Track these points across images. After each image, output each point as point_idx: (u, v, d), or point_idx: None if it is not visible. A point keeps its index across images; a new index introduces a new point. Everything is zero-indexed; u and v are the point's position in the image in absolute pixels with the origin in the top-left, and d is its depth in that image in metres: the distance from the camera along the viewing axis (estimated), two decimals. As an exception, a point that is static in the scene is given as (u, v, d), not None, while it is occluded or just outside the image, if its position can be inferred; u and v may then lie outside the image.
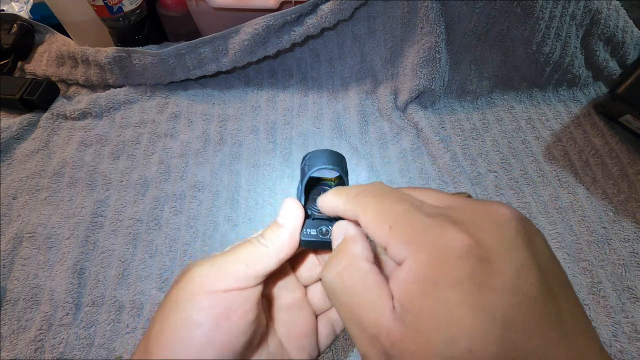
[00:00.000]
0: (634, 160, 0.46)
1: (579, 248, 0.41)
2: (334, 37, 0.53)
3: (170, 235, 0.42)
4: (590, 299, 0.38)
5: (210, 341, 0.16)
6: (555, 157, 0.49)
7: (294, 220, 0.18)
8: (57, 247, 0.41)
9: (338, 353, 0.35)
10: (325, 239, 0.19)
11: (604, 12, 0.49)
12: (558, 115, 0.53)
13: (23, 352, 0.35)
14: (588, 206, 0.44)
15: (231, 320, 0.16)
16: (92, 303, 0.38)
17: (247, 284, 0.17)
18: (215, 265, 0.17)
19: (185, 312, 0.16)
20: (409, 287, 0.13)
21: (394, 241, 0.14)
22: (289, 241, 0.18)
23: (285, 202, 0.19)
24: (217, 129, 0.51)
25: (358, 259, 0.16)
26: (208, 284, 0.17)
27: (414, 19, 0.48)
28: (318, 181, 0.22)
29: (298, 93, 0.55)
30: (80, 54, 0.52)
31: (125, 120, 0.52)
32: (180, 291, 0.17)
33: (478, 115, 0.54)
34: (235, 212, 0.44)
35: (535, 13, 0.46)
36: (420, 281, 0.13)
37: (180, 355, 0.15)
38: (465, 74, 0.53)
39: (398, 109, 0.53)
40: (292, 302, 0.21)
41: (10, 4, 0.62)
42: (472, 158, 0.49)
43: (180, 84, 0.55)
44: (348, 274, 0.16)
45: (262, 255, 0.18)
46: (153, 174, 0.47)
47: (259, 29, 0.47)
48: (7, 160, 0.48)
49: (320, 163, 0.19)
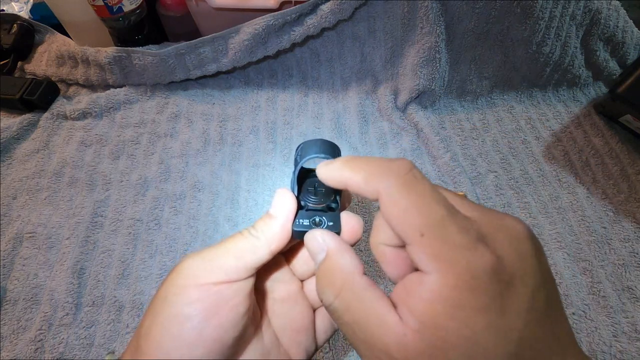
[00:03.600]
0: (634, 160, 0.46)
1: (579, 248, 0.41)
2: (334, 37, 0.53)
3: (170, 235, 0.42)
4: (590, 299, 0.38)
5: (201, 335, 0.16)
6: (555, 157, 0.49)
7: (286, 211, 0.18)
8: (57, 247, 0.41)
9: (338, 353, 0.35)
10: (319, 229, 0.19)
11: (604, 12, 0.49)
12: (558, 115, 0.53)
13: (23, 352, 0.35)
14: (588, 206, 0.44)
15: (221, 313, 0.16)
16: (92, 303, 0.38)
17: (238, 276, 0.17)
18: (205, 259, 0.17)
19: (174, 307, 0.16)
20: (433, 307, 0.13)
21: (423, 251, 0.14)
22: (280, 232, 0.18)
23: (278, 193, 0.19)
24: (217, 129, 0.51)
25: (352, 275, 0.16)
26: (197, 278, 0.16)
27: (414, 19, 0.48)
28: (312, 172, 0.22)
29: (298, 93, 0.55)
30: (80, 54, 0.52)
31: (125, 120, 0.52)
32: (170, 286, 0.17)
33: (478, 115, 0.54)
34: (235, 212, 0.44)
35: (535, 13, 0.46)
36: (447, 303, 0.13)
37: (171, 351, 0.15)
38: (465, 74, 0.53)
39: (398, 109, 0.53)
40: (287, 295, 0.21)
41: (10, 4, 0.62)
42: (472, 158, 0.49)
43: (180, 84, 0.55)
44: (346, 293, 0.15)
45: (252, 247, 0.17)
46: (153, 174, 0.47)
47: (259, 29, 0.47)
48: (7, 160, 0.48)
49: (313, 152, 0.19)
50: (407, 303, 0.14)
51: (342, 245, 0.17)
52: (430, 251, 0.14)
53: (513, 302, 0.13)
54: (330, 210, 0.20)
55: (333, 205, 0.20)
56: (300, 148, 0.20)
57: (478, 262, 0.13)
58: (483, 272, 0.13)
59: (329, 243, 0.17)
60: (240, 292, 0.17)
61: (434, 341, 0.13)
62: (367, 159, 0.16)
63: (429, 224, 0.14)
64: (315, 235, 0.17)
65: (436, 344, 0.13)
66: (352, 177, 0.16)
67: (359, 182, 0.16)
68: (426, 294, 0.13)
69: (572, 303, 0.37)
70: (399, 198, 0.14)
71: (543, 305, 0.13)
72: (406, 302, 0.14)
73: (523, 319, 0.13)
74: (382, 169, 0.15)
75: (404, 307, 0.14)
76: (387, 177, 0.15)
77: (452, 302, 0.13)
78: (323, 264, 0.17)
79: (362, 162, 0.16)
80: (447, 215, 0.14)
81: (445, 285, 0.13)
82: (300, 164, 0.19)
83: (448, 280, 0.13)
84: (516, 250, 0.14)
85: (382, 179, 0.15)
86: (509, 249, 0.14)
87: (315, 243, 0.17)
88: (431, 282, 0.13)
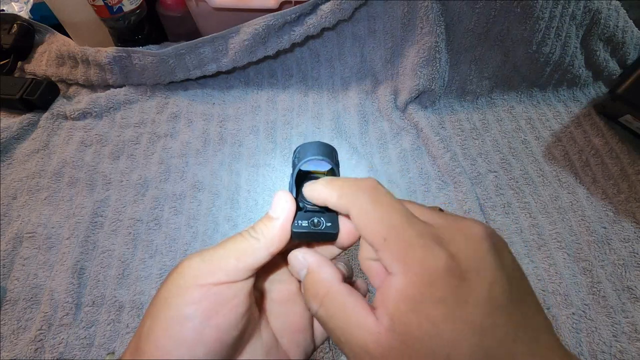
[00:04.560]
0: (634, 160, 0.46)
1: (579, 248, 0.41)
2: (334, 37, 0.53)
3: (170, 235, 0.42)
4: (590, 299, 0.38)
5: (201, 336, 0.16)
6: (555, 157, 0.49)
7: (285, 213, 0.18)
8: (57, 247, 0.41)
9: (338, 353, 0.35)
10: (317, 230, 0.19)
11: (604, 12, 0.49)
12: (558, 115, 0.53)
13: (23, 352, 0.35)
14: (588, 206, 0.44)
15: (221, 313, 0.16)
16: (92, 303, 0.38)
17: (237, 277, 0.17)
18: (205, 259, 0.17)
19: (175, 308, 0.16)
20: (398, 305, 0.15)
21: (387, 254, 0.16)
22: (280, 233, 0.18)
23: (277, 195, 0.19)
24: (217, 129, 0.51)
25: (332, 283, 0.17)
26: (197, 278, 0.16)
27: (414, 19, 0.48)
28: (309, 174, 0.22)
29: (298, 93, 0.55)
30: (80, 54, 0.52)
31: (125, 120, 0.52)
32: (170, 287, 0.17)
33: (478, 115, 0.54)
34: (235, 212, 0.44)
35: (535, 13, 0.46)
36: (409, 299, 0.14)
37: (171, 352, 0.15)
38: (465, 74, 0.53)
39: (398, 109, 0.53)
40: (286, 296, 0.21)
41: (10, 4, 0.62)
42: (472, 158, 0.49)
43: (180, 84, 0.55)
44: (328, 301, 0.17)
45: (252, 248, 0.18)
46: (153, 174, 0.47)
47: (259, 29, 0.47)
48: (7, 160, 0.48)
49: (310, 154, 0.19)
50: (383, 304, 0.15)
51: (321, 259, 0.18)
52: (392, 254, 0.15)
53: (470, 294, 0.14)
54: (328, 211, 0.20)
55: None
56: (298, 150, 0.20)
57: (433, 261, 0.15)
58: (438, 269, 0.14)
59: (308, 259, 0.18)
60: (240, 293, 0.17)
61: (402, 336, 0.14)
62: (342, 180, 0.19)
63: (390, 230, 0.16)
64: (297, 255, 0.19)
65: (404, 338, 0.14)
66: (329, 196, 0.18)
67: (334, 199, 0.18)
68: (393, 293, 0.15)
69: (572, 303, 0.37)
70: (365, 210, 0.17)
71: (504, 296, 0.14)
72: (382, 303, 0.15)
73: (482, 310, 0.14)
74: (351, 187, 0.18)
75: (381, 308, 0.15)
76: (356, 193, 0.17)
77: (413, 298, 0.14)
78: (306, 278, 0.18)
79: (337, 182, 0.18)
80: (406, 222, 0.16)
81: (407, 284, 0.15)
82: (298, 167, 0.19)
83: (409, 279, 0.15)
84: (472, 248, 0.15)
85: (351, 196, 0.17)
86: (464, 248, 0.15)
87: (297, 262, 0.19)
88: (396, 282, 0.15)
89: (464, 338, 0.14)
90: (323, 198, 0.19)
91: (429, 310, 0.14)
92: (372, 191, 0.17)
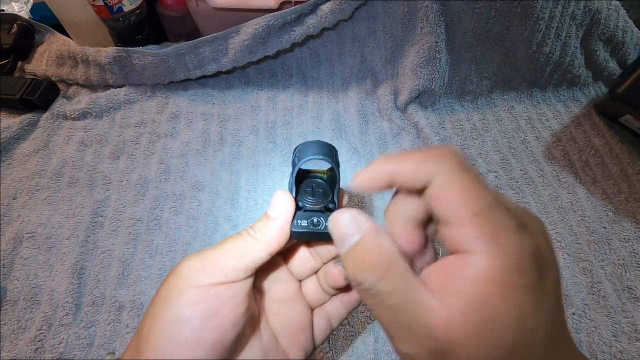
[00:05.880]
0: (634, 160, 0.46)
1: (579, 248, 0.41)
2: (334, 37, 0.53)
3: (170, 235, 0.42)
4: (590, 299, 0.38)
5: (200, 337, 0.16)
6: (555, 157, 0.49)
7: (284, 212, 0.18)
8: (57, 247, 0.41)
9: (338, 353, 0.35)
10: (317, 229, 0.19)
11: (604, 12, 0.49)
12: (558, 115, 0.53)
13: (23, 352, 0.35)
14: (588, 206, 0.44)
15: (220, 314, 0.16)
16: (92, 303, 0.38)
17: (236, 277, 0.17)
18: (203, 260, 0.17)
19: (174, 309, 0.16)
20: (482, 287, 0.13)
21: (472, 231, 0.14)
22: (279, 233, 0.18)
23: (276, 194, 0.19)
24: (217, 129, 0.51)
25: (395, 258, 0.15)
26: (196, 279, 0.16)
27: (414, 19, 0.48)
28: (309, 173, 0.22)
29: (298, 93, 0.55)
30: (80, 54, 0.52)
31: (125, 120, 0.52)
32: (169, 287, 0.17)
33: (478, 115, 0.54)
34: (235, 212, 0.44)
35: (535, 13, 0.46)
36: (496, 282, 0.13)
37: (171, 353, 0.15)
38: (465, 74, 0.53)
39: (398, 109, 0.53)
40: (285, 296, 0.21)
41: (10, 4, 0.62)
42: (472, 158, 0.48)
43: (180, 84, 0.55)
44: (391, 276, 0.15)
45: (251, 248, 0.17)
46: (153, 174, 0.47)
47: (259, 29, 0.47)
48: (7, 160, 0.48)
49: (310, 154, 0.19)
50: (450, 285, 0.14)
51: (379, 226, 0.16)
52: (481, 232, 0.14)
53: (547, 286, 0.14)
54: (328, 210, 0.20)
55: (331, 205, 0.20)
56: (298, 150, 0.20)
57: (525, 246, 0.14)
58: (527, 256, 0.13)
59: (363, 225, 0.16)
60: (239, 293, 0.17)
61: (483, 321, 0.13)
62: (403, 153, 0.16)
63: (482, 205, 0.14)
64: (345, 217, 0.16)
65: (485, 324, 0.13)
66: (399, 168, 0.16)
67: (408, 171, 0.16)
68: (474, 275, 0.13)
69: (572, 303, 0.37)
70: (455, 179, 0.15)
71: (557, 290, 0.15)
72: (447, 284, 0.14)
73: (551, 303, 0.14)
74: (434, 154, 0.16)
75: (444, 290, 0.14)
76: (442, 160, 0.15)
77: (503, 282, 0.13)
78: (358, 246, 0.16)
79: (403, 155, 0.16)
80: (496, 200, 0.14)
81: (496, 266, 0.13)
82: (298, 166, 0.19)
83: (498, 261, 0.13)
84: (545, 242, 0.15)
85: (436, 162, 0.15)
86: (541, 238, 0.15)
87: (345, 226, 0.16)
88: (479, 263, 0.13)
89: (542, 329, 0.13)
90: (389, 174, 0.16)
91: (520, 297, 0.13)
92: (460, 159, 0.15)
